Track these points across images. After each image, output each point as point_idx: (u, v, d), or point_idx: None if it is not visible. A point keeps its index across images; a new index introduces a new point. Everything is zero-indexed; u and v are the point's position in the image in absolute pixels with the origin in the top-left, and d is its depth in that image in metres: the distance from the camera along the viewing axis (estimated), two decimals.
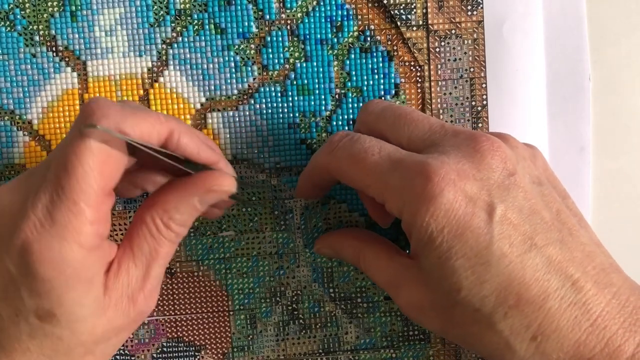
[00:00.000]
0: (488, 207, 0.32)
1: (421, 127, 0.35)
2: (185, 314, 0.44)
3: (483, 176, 0.32)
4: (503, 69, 0.43)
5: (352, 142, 0.35)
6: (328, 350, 0.45)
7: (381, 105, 0.38)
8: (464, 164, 0.32)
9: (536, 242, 0.31)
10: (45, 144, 0.43)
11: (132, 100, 0.42)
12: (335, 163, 0.36)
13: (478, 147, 0.33)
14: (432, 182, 0.31)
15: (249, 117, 0.43)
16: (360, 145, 0.35)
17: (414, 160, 0.33)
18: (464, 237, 0.31)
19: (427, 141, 0.35)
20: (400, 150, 0.34)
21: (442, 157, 0.32)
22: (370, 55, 0.43)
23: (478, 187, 0.32)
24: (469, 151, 0.33)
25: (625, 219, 0.45)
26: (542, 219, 0.32)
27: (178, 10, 0.42)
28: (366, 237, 0.40)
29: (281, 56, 0.42)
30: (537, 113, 0.43)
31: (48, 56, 0.42)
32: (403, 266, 0.35)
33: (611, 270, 0.32)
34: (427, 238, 0.32)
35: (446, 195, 0.31)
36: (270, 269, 0.44)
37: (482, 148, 0.33)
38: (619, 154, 0.44)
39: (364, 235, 0.40)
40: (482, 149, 0.33)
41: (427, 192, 0.31)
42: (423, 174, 0.32)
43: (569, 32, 0.43)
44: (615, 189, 0.44)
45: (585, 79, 0.43)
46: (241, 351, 0.44)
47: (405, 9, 0.42)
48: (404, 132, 0.36)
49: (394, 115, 0.36)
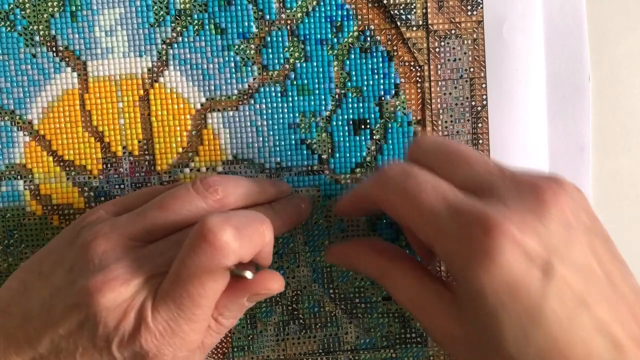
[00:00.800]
0: (545, 265, 0.30)
1: (478, 169, 0.34)
2: None
3: (543, 230, 0.31)
4: (503, 69, 0.42)
5: (406, 175, 0.33)
6: (328, 350, 0.45)
7: (435, 141, 0.36)
8: (525, 215, 0.31)
9: (587, 300, 0.30)
10: (46, 144, 0.43)
11: (132, 100, 0.42)
12: (385, 196, 0.34)
13: (540, 197, 0.31)
14: (491, 236, 0.30)
15: (249, 117, 0.43)
16: (414, 181, 0.33)
17: (473, 209, 0.31)
18: (518, 297, 0.30)
19: (484, 184, 0.33)
20: (457, 192, 0.33)
21: (502, 207, 0.31)
22: (370, 55, 0.43)
23: (537, 243, 0.30)
24: (530, 201, 0.31)
25: (625, 219, 0.45)
26: (594, 274, 0.31)
27: (178, 11, 0.42)
28: (391, 253, 0.38)
29: (281, 56, 0.42)
30: (537, 113, 0.43)
31: (48, 56, 0.42)
32: (437, 295, 0.34)
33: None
34: (478, 293, 0.31)
35: (505, 254, 0.30)
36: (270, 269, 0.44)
37: (545, 198, 0.31)
38: (618, 154, 0.44)
39: (388, 250, 0.38)
40: (545, 200, 0.31)
41: (485, 247, 0.30)
42: (482, 225, 0.30)
43: (568, 32, 0.43)
44: (615, 189, 0.44)
45: (585, 79, 0.43)
46: (241, 351, 0.44)
47: (405, 9, 0.42)
48: (460, 171, 0.34)
49: (450, 151, 0.35)
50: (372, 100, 0.43)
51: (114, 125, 0.43)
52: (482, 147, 0.43)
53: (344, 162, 0.43)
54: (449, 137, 0.43)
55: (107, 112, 0.43)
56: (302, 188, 0.43)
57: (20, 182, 0.43)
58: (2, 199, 0.43)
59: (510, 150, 0.43)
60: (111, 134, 0.43)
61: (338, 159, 0.43)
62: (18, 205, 0.43)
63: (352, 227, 0.44)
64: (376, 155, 0.43)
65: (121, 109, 0.43)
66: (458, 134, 0.43)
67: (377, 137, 0.43)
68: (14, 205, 0.43)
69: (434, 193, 0.32)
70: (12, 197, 0.43)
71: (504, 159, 0.43)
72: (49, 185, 0.43)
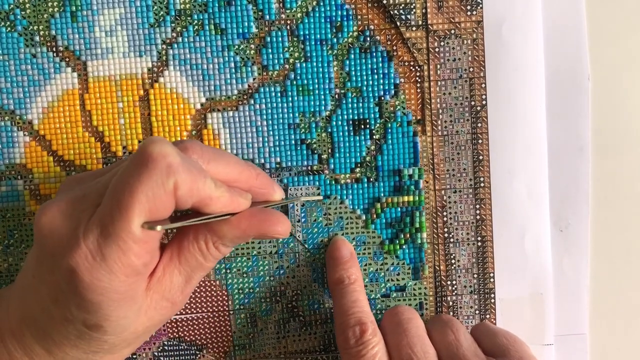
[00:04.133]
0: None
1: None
2: (186, 314, 0.44)
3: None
4: (502, 69, 0.43)
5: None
6: (328, 347, 0.45)
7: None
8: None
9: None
10: (46, 144, 0.43)
11: (133, 100, 0.42)
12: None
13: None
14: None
15: (249, 117, 0.43)
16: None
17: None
18: None
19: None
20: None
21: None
22: (369, 55, 0.43)
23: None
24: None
25: (624, 219, 0.45)
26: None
27: (178, 11, 0.42)
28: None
29: (281, 56, 0.42)
30: (537, 113, 0.43)
31: (48, 56, 0.42)
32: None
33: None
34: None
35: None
36: (270, 269, 0.44)
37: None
38: (618, 154, 0.44)
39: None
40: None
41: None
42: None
43: (568, 32, 0.43)
44: (615, 188, 0.44)
45: (584, 79, 0.43)
46: (242, 349, 0.45)
47: (404, 9, 0.42)
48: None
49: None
50: (371, 100, 0.43)
51: (114, 125, 0.43)
52: (481, 147, 0.43)
53: (344, 161, 0.43)
54: (448, 137, 0.43)
55: (107, 112, 0.43)
56: (302, 187, 0.43)
57: (20, 182, 0.43)
58: (2, 199, 0.43)
59: (510, 150, 0.43)
60: (111, 134, 0.43)
61: (338, 159, 0.43)
62: (18, 205, 0.43)
63: (352, 226, 0.44)
64: (376, 155, 0.43)
65: (121, 109, 0.43)
66: (457, 134, 0.43)
67: (376, 136, 0.43)
68: (14, 205, 0.43)
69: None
70: (12, 197, 0.43)
71: (503, 158, 0.43)
72: (49, 185, 0.43)
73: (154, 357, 0.44)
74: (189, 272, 0.36)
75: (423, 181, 0.43)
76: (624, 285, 0.45)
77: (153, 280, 0.35)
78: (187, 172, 0.31)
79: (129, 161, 0.32)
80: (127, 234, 0.31)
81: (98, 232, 0.31)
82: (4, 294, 0.38)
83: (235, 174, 0.36)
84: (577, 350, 0.45)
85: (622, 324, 0.46)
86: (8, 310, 0.36)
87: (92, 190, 0.33)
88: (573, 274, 0.44)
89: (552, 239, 0.44)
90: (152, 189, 0.30)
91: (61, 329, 0.34)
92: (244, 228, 0.35)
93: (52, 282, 0.33)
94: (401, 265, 0.44)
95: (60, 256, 0.32)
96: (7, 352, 0.36)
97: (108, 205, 0.31)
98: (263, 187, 0.38)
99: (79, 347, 0.35)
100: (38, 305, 0.34)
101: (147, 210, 0.31)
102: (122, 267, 0.31)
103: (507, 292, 0.44)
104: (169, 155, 0.31)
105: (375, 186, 0.43)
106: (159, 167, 0.30)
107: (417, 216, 0.43)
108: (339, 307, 0.41)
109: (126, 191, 0.31)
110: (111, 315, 0.33)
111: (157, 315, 0.36)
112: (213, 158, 0.35)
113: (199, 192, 0.32)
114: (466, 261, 0.44)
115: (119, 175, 0.32)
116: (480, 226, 0.44)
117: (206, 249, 0.36)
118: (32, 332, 0.35)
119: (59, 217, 0.33)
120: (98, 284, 0.31)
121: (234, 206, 0.35)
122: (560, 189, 0.44)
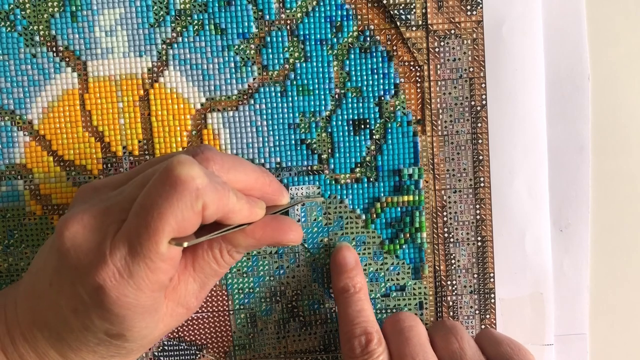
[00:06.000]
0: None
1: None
2: None
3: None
4: (502, 69, 0.43)
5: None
6: (328, 347, 0.45)
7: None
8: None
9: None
10: (46, 144, 0.43)
11: (133, 100, 0.42)
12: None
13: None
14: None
15: (249, 117, 0.43)
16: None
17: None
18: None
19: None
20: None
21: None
22: (369, 55, 0.43)
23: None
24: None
25: (624, 219, 0.45)
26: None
27: (178, 11, 0.42)
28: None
29: (281, 56, 0.42)
30: (537, 113, 0.43)
31: (48, 56, 0.42)
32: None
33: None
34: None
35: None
36: (270, 269, 0.44)
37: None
38: (618, 154, 0.44)
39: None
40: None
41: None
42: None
43: (568, 32, 0.43)
44: (615, 188, 0.45)
45: (584, 79, 0.43)
46: (242, 349, 0.45)
47: (404, 9, 0.42)
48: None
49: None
50: (371, 100, 0.43)
51: (114, 125, 0.43)
52: (481, 147, 0.43)
53: (344, 161, 0.43)
54: (448, 137, 0.43)
55: (107, 112, 0.43)
56: (302, 187, 0.43)
57: (20, 182, 0.43)
58: (2, 199, 0.43)
59: (510, 150, 0.43)
60: (111, 134, 0.43)
61: (338, 159, 0.43)
62: (18, 205, 0.43)
63: (351, 226, 0.44)
64: (376, 155, 0.43)
65: (121, 109, 0.43)
66: (457, 134, 0.43)
67: (376, 136, 0.43)
68: (14, 205, 0.43)
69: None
70: (12, 197, 0.43)
71: (503, 158, 0.43)
72: (48, 185, 0.43)
73: (154, 357, 0.44)
74: (203, 279, 0.37)
75: (423, 181, 0.43)
76: (624, 285, 0.45)
77: (169, 288, 0.36)
78: (214, 191, 0.32)
79: (158, 180, 0.32)
80: (156, 254, 0.31)
81: (126, 251, 0.32)
82: (10, 294, 0.38)
83: (251, 182, 0.37)
84: (577, 350, 0.45)
85: (622, 324, 0.46)
86: (16, 311, 0.37)
87: (114, 203, 0.33)
88: (573, 274, 0.44)
89: (552, 239, 0.44)
90: (182, 211, 0.31)
91: (79, 336, 0.35)
92: (259, 237, 0.36)
93: (73, 294, 0.33)
94: (401, 265, 0.44)
95: (84, 270, 0.32)
96: (18, 355, 0.36)
97: (135, 224, 0.31)
98: (274, 194, 0.38)
99: (96, 352, 0.36)
100: (52, 312, 0.35)
101: (176, 231, 0.31)
102: (149, 284, 0.32)
103: (507, 292, 0.44)
104: (197, 178, 0.31)
105: (375, 186, 0.43)
106: (188, 190, 0.31)
107: (417, 216, 0.44)
108: (344, 316, 0.41)
109: (155, 212, 0.31)
110: (135, 326, 0.34)
111: (173, 321, 0.37)
112: (232, 167, 0.35)
113: (224, 209, 0.33)
114: (466, 261, 0.44)
115: (146, 193, 0.32)
116: (480, 226, 0.44)
117: (220, 257, 0.36)
118: (45, 336, 0.36)
119: (82, 231, 0.33)
120: (125, 300, 0.32)
121: (252, 217, 0.35)
122: (560, 189, 0.44)
